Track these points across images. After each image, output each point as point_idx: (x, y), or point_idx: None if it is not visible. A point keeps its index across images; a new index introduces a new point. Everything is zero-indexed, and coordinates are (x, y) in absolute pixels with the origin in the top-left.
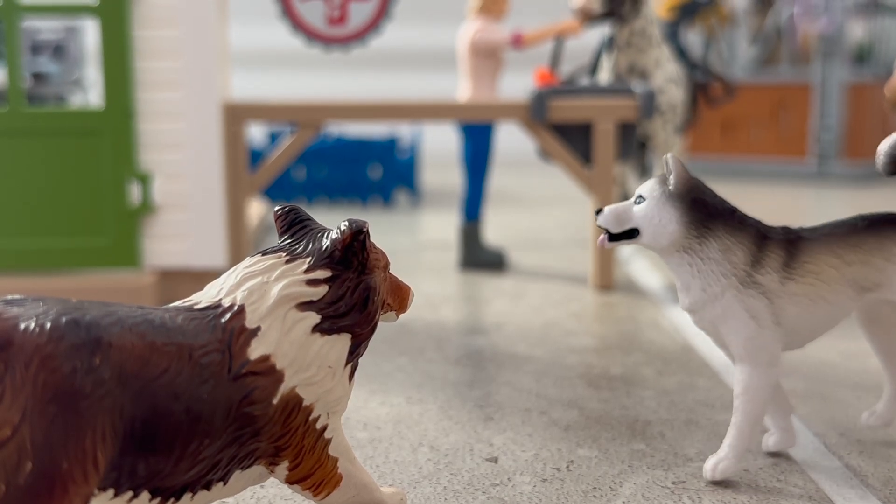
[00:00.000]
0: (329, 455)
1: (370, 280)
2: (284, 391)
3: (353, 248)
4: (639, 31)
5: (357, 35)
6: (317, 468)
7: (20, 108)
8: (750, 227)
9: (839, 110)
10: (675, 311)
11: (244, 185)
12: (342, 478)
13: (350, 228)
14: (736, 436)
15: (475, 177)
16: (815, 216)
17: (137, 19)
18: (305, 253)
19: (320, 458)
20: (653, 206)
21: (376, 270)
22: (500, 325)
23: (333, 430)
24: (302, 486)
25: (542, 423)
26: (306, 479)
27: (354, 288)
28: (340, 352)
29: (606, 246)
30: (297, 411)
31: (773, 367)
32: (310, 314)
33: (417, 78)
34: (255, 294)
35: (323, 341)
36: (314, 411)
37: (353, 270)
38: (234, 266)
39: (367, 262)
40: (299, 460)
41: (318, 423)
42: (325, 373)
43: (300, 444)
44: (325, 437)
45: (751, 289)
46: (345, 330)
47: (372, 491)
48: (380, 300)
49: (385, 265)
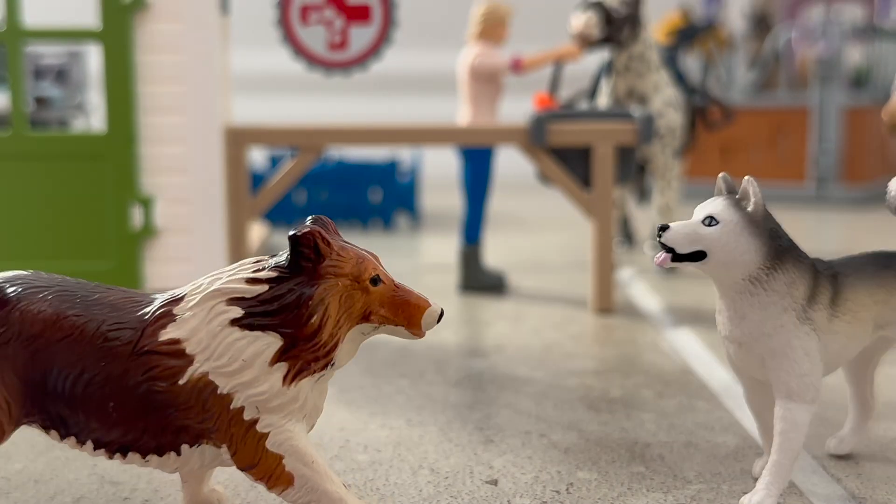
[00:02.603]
0: (268, 450)
1: (314, 287)
2: (193, 374)
3: (299, 254)
4: (637, 56)
5: (358, 60)
6: (258, 461)
7: (23, 132)
8: (808, 261)
9: (837, 134)
10: (675, 334)
11: (245, 208)
12: (293, 478)
13: (292, 235)
14: (777, 473)
15: (475, 200)
16: (815, 240)
17: (140, 45)
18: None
19: (257, 450)
20: (729, 232)
21: (331, 278)
22: (500, 348)
23: (271, 426)
24: (251, 475)
25: (541, 445)
26: (251, 469)
27: (291, 292)
28: (261, 349)
29: (668, 265)
30: (212, 397)
31: (815, 404)
32: (234, 308)
33: (417, 102)
34: (200, 287)
35: (241, 335)
36: (234, 401)
37: (304, 275)
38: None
39: (318, 268)
40: (234, 448)
41: (246, 415)
42: (238, 365)
43: (228, 431)
44: (257, 431)
45: (806, 325)
46: (270, 329)
47: (335, 501)
48: (325, 307)
49: (351, 273)
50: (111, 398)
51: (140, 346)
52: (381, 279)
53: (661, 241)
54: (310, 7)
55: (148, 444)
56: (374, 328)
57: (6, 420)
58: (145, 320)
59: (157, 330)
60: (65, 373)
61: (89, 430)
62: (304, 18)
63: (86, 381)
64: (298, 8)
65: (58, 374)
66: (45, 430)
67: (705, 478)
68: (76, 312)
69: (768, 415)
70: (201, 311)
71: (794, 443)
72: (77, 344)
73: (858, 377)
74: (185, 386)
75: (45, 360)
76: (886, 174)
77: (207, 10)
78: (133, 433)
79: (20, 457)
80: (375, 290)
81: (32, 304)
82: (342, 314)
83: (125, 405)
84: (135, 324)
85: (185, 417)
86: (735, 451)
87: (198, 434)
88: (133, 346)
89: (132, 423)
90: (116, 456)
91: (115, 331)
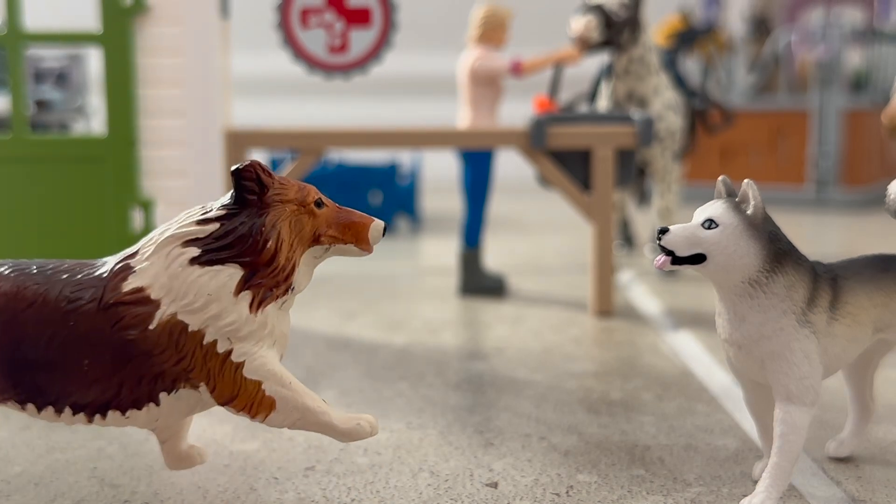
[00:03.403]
0: (246, 378)
1: (263, 215)
2: (162, 318)
3: (242, 187)
4: (637, 59)
5: (358, 63)
6: (238, 392)
7: (24, 135)
8: (808, 264)
9: (837, 137)
10: (675, 337)
11: None
12: (275, 401)
13: (234, 170)
14: (778, 475)
15: (475, 203)
16: (814, 243)
17: (140, 48)
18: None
19: (235, 380)
20: (729, 235)
21: (279, 204)
22: (500, 350)
23: (245, 354)
24: (233, 409)
25: (541, 448)
26: (232, 401)
27: (242, 224)
28: (224, 281)
29: (667, 268)
30: (184, 335)
31: (815, 407)
32: (190, 249)
33: (418, 105)
34: (152, 239)
35: (202, 272)
36: (207, 336)
37: (251, 207)
38: None
39: (263, 198)
40: (213, 383)
41: (219, 348)
42: (204, 300)
43: (205, 367)
44: (232, 361)
45: (805, 328)
46: (229, 261)
47: (318, 414)
48: (277, 232)
49: (296, 199)
50: (85, 356)
51: (105, 300)
52: (323, 202)
53: (661, 244)
54: (310, 10)
55: (126, 399)
56: (325, 250)
57: None
58: (105, 277)
59: (119, 283)
60: (35, 340)
61: (66, 394)
62: (304, 22)
63: (57, 344)
64: (298, 11)
65: (28, 343)
66: (21, 405)
67: (705, 480)
68: (35, 282)
69: (768, 417)
70: (158, 258)
71: (793, 445)
72: (42, 310)
73: (858, 380)
74: (156, 330)
75: (13, 333)
76: (886, 177)
77: (208, 13)
78: (111, 389)
79: (20, 459)
80: (321, 212)
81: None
82: (294, 238)
83: (99, 361)
84: (95, 282)
85: (160, 362)
86: (735, 453)
87: (174, 378)
88: (98, 302)
89: (108, 378)
90: (96, 418)
91: (77, 291)
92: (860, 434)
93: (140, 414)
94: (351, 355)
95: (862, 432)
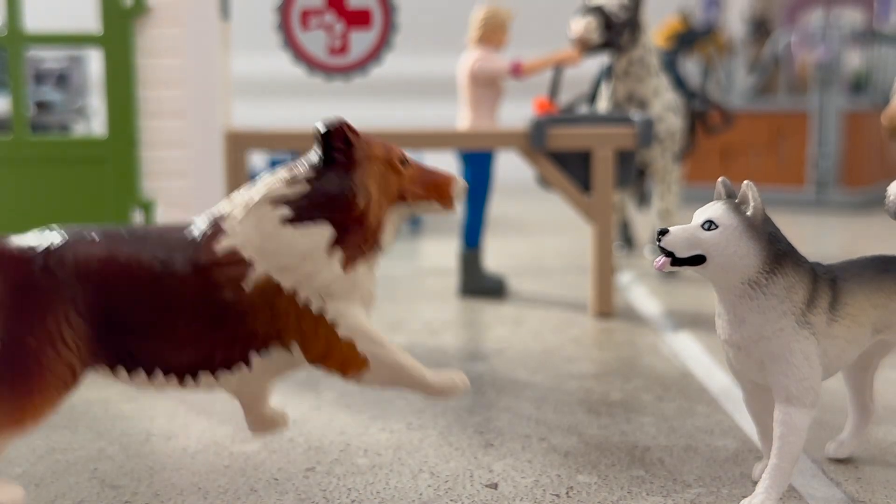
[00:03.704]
0: (339, 337)
1: (352, 173)
2: (257, 278)
3: (330, 147)
4: (637, 61)
5: (358, 64)
6: (331, 350)
7: (24, 136)
8: (807, 265)
9: (837, 138)
10: (674, 338)
11: None
12: (367, 360)
13: (320, 131)
14: (777, 476)
15: (475, 204)
16: (814, 244)
17: (141, 49)
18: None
19: (329, 339)
20: (728, 236)
21: (366, 163)
22: (500, 351)
23: (338, 312)
24: (325, 367)
25: (541, 449)
26: (324, 360)
27: (332, 183)
28: (317, 240)
29: (667, 269)
30: (278, 295)
31: (815, 408)
32: (281, 209)
33: (418, 106)
34: (240, 201)
35: (294, 231)
36: (300, 295)
37: (339, 166)
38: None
39: (352, 157)
40: (306, 342)
41: (313, 307)
42: (298, 259)
43: (298, 327)
44: (325, 319)
45: (805, 329)
46: (320, 220)
47: (412, 373)
48: (366, 189)
49: (382, 157)
50: (178, 318)
51: (199, 261)
52: (407, 160)
53: (661, 245)
54: (310, 12)
55: (218, 360)
56: (409, 207)
57: (77, 362)
58: (197, 240)
59: (212, 244)
60: (129, 304)
61: (160, 357)
62: (304, 23)
63: (150, 306)
64: (299, 13)
65: (122, 306)
66: (111, 369)
67: (705, 481)
68: (127, 246)
69: (768, 418)
70: (249, 219)
71: (793, 446)
72: (136, 273)
73: (858, 381)
74: (251, 290)
75: (108, 296)
76: (886, 178)
77: (208, 14)
78: (203, 350)
79: (21, 461)
80: (406, 170)
81: (82, 246)
82: (382, 195)
83: (194, 322)
84: (187, 245)
85: (254, 322)
86: (735, 454)
87: (267, 338)
88: (192, 264)
89: (202, 339)
90: (187, 380)
91: (170, 254)
92: (860, 435)
93: (231, 375)
94: None
95: (862, 433)
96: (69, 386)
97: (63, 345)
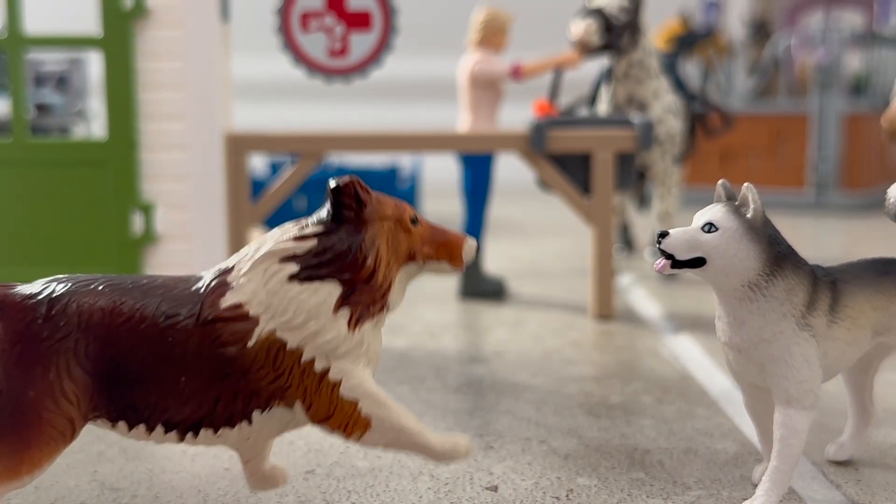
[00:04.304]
0: (342, 397)
1: (362, 232)
2: (261, 334)
3: (340, 204)
4: (637, 63)
5: (358, 67)
6: (334, 410)
7: (24, 139)
8: (807, 268)
9: (836, 141)
10: (674, 340)
11: (246, 215)
12: (371, 420)
13: (330, 188)
14: (777, 479)
15: (475, 206)
16: (814, 246)
17: (141, 51)
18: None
19: (332, 399)
20: (728, 239)
21: (377, 221)
22: (499, 354)
23: (342, 372)
24: (328, 427)
25: (541, 451)
26: (327, 420)
27: (341, 241)
28: (324, 297)
29: (667, 272)
30: (282, 353)
31: (815, 411)
32: (289, 265)
33: (418, 108)
34: (248, 255)
35: (301, 288)
36: (305, 354)
37: (349, 224)
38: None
39: (362, 215)
40: (310, 401)
41: (317, 366)
42: (304, 317)
43: (302, 385)
44: (329, 379)
45: (804, 331)
46: (328, 277)
47: (415, 435)
48: (376, 249)
49: (393, 216)
50: (182, 373)
51: (203, 315)
52: (418, 219)
53: (661, 248)
54: (310, 14)
55: (220, 417)
56: (419, 267)
57: (77, 415)
58: (202, 293)
59: (217, 299)
60: (131, 357)
61: (160, 411)
62: (304, 25)
63: (153, 360)
64: (299, 15)
65: (124, 359)
66: (112, 423)
67: (705, 484)
68: (132, 297)
69: (768, 421)
70: (256, 274)
71: (793, 449)
72: (139, 326)
73: (858, 383)
74: (255, 347)
75: (109, 348)
76: (885, 181)
77: (208, 17)
78: (205, 406)
79: None
80: (416, 229)
81: (86, 296)
82: (391, 255)
83: (196, 377)
84: (192, 298)
85: (257, 380)
86: (735, 457)
87: (270, 396)
88: (196, 318)
89: (204, 395)
90: (188, 436)
91: (174, 307)
92: (860, 437)
93: (232, 432)
94: None
95: (861, 436)
96: (68, 439)
97: (63, 398)
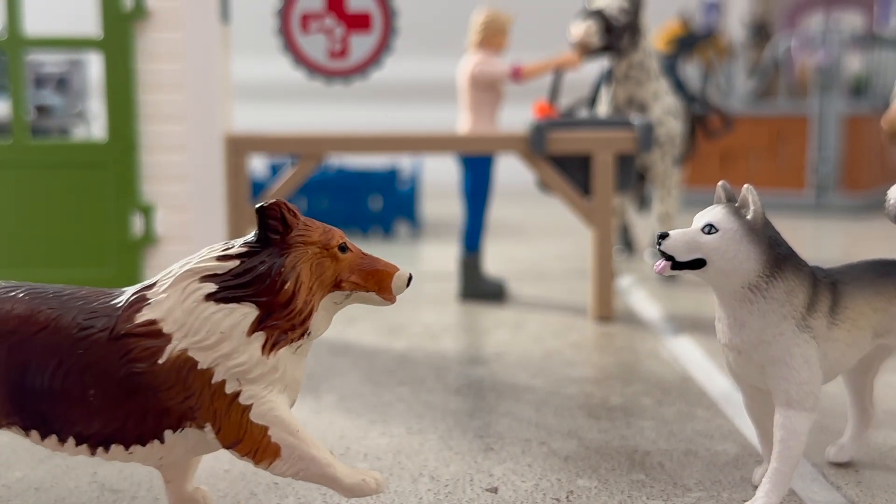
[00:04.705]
0: (252, 422)
1: (284, 256)
2: (173, 352)
3: (265, 226)
4: (637, 65)
5: (358, 68)
6: (244, 435)
7: (24, 140)
8: (807, 269)
9: (837, 142)
10: (674, 342)
11: (246, 216)
12: (280, 448)
13: (258, 208)
14: (777, 480)
15: (475, 208)
16: (814, 247)
17: (141, 53)
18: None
19: (241, 424)
20: (728, 240)
21: (301, 246)
22: (500, 356)
23: (253, 397)
24: (238, 452)
25: (541, 453)
26: (237, 445)
27: (262, 263)
28: (238, 320)
29: (667, 273)
30: (192, 373)
31: (815, 412)
32: (208, 284)
33: (418, 110)
34: (171, 272)
35: (216, 309)
36: (216, 375)
37: (273, 246)
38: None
39: (287, 239)
40: (219, 424)
41: (228, 389)
42: (217, 338)
43: (211, 407)
44: (240, 404)
45: (805, 333)
46: (245, 300)
47: (324, 467)
48: (297, 274)
49: (320, 241)
50: (91, 386)
51: (116, 330)
52: (348, 247)
53: (661, 249)
54: (310, 15)
55: (131, 433)
56: (346, 296)
57: None
58: (119, 307)
59: (133, 314)
60: (43, 366)
61: (70, 424)
62: (304, 27)
63: (64, 371)
64: (299, 16)
65: (36, 368)
66: (24, 431)
67: (705, 486)
68: (50, 306)
69: (768, 422)
70: (175, 291)
71: (793, 450)
72: (53, 336)
73: (858, 385)
74: (165, 365)
75: (23, 357)
76: (886, 182)
77: (208, 18)
78: (115, 422)
79: (21, 465)
80: (344, 257)
81: (5, 303)
82: (314, 281)
83: (106, 392)
84: (109, 311)
85: (167, 399)
86: (735, 458)
87: (180, 416)
88: (110, 332)
89: (114, 410)
90: (99, 450)
91: (90, 319)
92: (860, 439)
93: (144, 450)
94: (351, 360)
95: (862, 437)
96: None
97: None
